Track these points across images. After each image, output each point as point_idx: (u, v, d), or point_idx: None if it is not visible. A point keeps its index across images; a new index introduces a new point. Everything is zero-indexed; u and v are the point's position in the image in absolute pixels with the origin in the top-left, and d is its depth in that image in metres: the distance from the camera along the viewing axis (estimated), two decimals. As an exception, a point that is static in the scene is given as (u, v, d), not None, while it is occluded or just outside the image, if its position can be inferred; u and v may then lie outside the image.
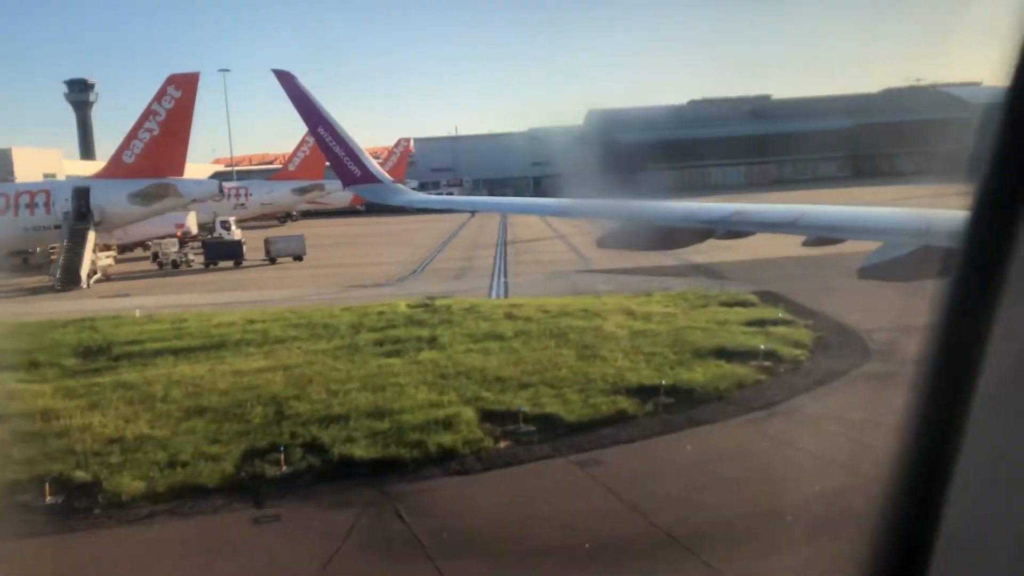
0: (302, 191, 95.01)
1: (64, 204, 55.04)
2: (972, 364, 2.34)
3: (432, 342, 26.38)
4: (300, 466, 16.75)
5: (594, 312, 30.51)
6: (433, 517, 14.26)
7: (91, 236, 53.31)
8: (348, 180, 22.21)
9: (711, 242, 13.89)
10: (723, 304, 31.80)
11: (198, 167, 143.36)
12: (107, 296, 46.22)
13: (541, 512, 14.31)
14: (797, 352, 24.10)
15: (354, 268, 54.71)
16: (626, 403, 19.56)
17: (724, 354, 23.69)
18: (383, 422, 18.64)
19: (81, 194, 55.43)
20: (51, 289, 50.04)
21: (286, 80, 23.15)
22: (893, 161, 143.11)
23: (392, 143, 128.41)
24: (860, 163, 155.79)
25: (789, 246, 12.91)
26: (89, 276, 52.48)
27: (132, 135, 57.45)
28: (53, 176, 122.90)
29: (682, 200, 17.67)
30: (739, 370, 22.02)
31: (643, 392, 20.40)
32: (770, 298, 33.56)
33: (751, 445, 17.26)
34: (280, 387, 21.75)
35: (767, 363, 22.94)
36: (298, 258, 61.37)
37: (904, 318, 28.68)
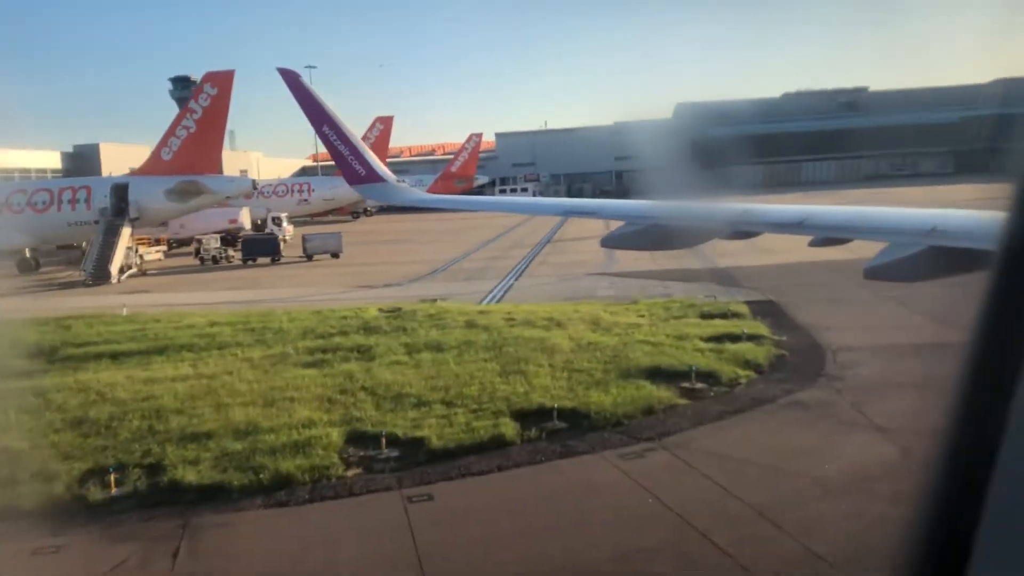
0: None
1: (103, 200, 56.32)
2: (1013, 366, 2.38)
3: (366, 352, 25.35)
4: (127, 490, 15.97)
5: (558, 321, 28.93)
6: (207, 559, 13.21)
7: (125, 232, 54.39)
8: (353, 179, 21.77)
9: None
10: (705, 315, 29.75)
11: (290, 161, 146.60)
12: (126, 292, 46.96)
13: (316, 558, 13.04)
14: (741, 374, 22.08)
15: (381, 267, 54.20)
16: (509, 428, 18.08)
17: (656, 374, 21.90)
18: (242, 442, 17.71)
19: (119, 190, 56.64)
20: (83, 284, 51.22)
21: (291, 79, 23.01)
22: (999, 156, 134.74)
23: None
24: (965, 158, 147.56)
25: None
26: (121, 271, 53.61)
27: (170, 132, 58.44)
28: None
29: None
30: (659, 393, 20.21)
31: (537, 415, 18.91)
32: (765, 309, 31.36)
33: (601, 485, 15.58)
34: (173, 399, 21.06)
35: (698, 385, 21.07)
36: (335, 255, 61.37)
37: (893, 335, 26.27)
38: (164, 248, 67.87)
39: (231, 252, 62.77)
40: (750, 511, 13.45)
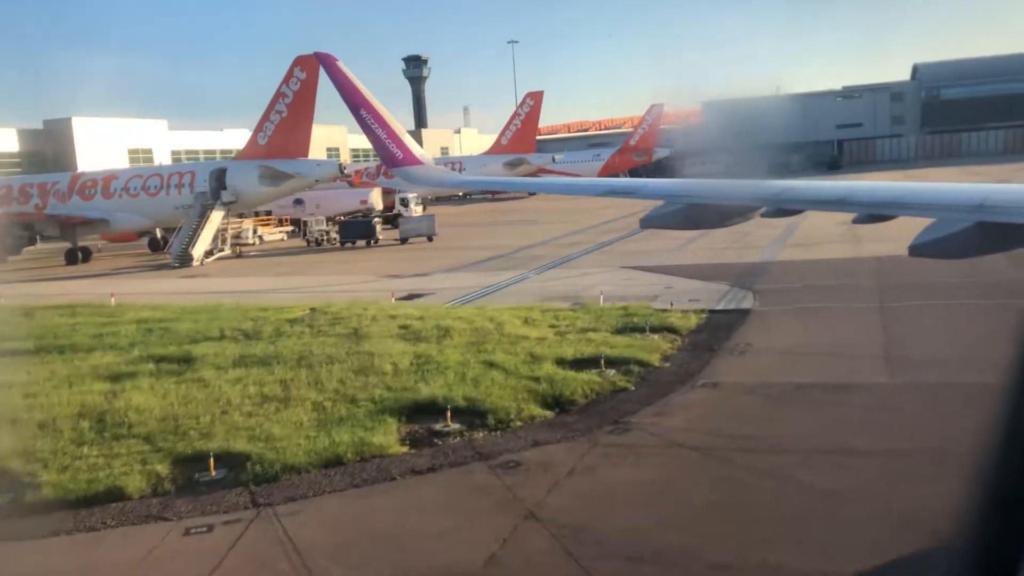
0: (511, 165, 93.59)
1: (203, 184, 58.40)
2: None
3: (187, 364, 23.46)
4: None
5: (449, 331, 25.52)
6: None
7: (214, 216, 56.04)
8: (391, 162, 21.70)
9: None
10: (621, 330, 25.03)
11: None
12: (186, 276, 48.34)
13: None
14: (536, 413, 18.04)
15: (454, 252, 52.22)
16: (137, 479, 15.46)
17: (422, 410, 18.44)
18: None
19: (217, 175, 58.47)
20: (170, 266, 53.42)
21: (328, 63, 23.60)
22: None
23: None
24: None
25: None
26: (211, 253, 55.43)
27: (265, 117, 59.46)
28: (336, 152, 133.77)
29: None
30: (381, 439, 16.68)
31: (194, 460, 16.16)
32: (724, 323, 26.47)
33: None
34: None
35: (449, 426, 17.34)
36: (429, 238, 60.09)
37: (778, 372, 20.69)
38: (288, 229, 69.73)
39: (333, 234, 63.20)
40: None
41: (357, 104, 22.15)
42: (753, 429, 16.80)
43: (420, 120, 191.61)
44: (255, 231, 67.21)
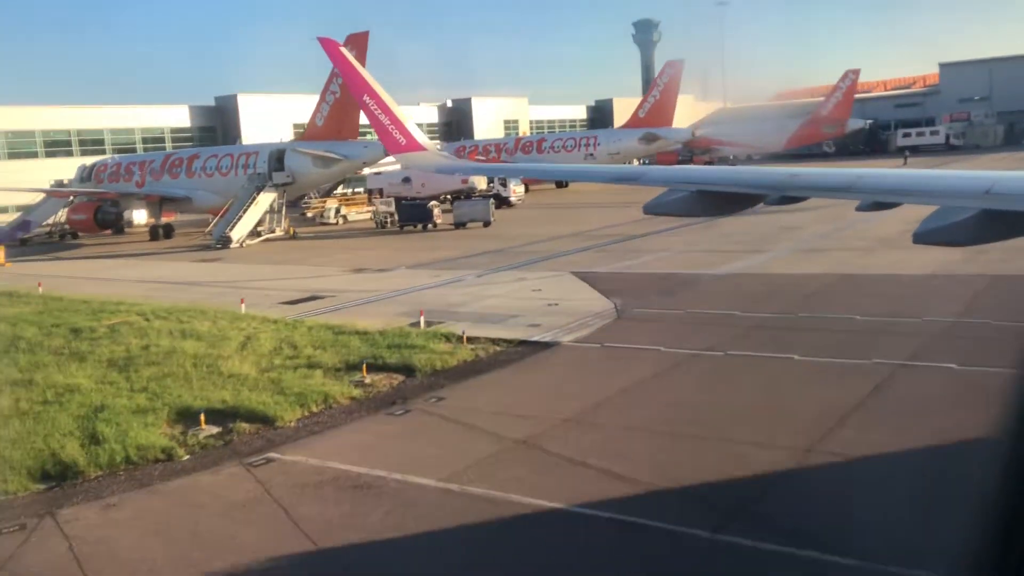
0: (647, 140, 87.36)
1: (262, 165, 59.03)
2: None
3: None
4: None
5: (197, 355, 23.17)
6: None
7: (263, 198, 56.44)
8: (394, 148, 22.05)
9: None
10: (373, 366, 21.38)
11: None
12: (204, 260, 48.86)
13: None
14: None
15: (474, 241, 49.37)
16: None
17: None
18: None
19: (277, 156, 58.84)
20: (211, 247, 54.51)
21: (331, 48, 24.56)
22: None
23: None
24: None
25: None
26: (256, 235, 56.01)
27: (322, 98, 58.96)
28: (516, 124, 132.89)
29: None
30: None
31: None
32: (484, 364, 21.92)
33: None
34: None
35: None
36: (485, 223, 57.29)
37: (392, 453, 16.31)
38: (362, 208, 69.64)
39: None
40: None
41: (360, 90, 22.72)
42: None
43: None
44: (338, 211, 67.51)
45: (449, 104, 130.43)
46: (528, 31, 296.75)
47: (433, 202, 61.06)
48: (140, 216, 64.51)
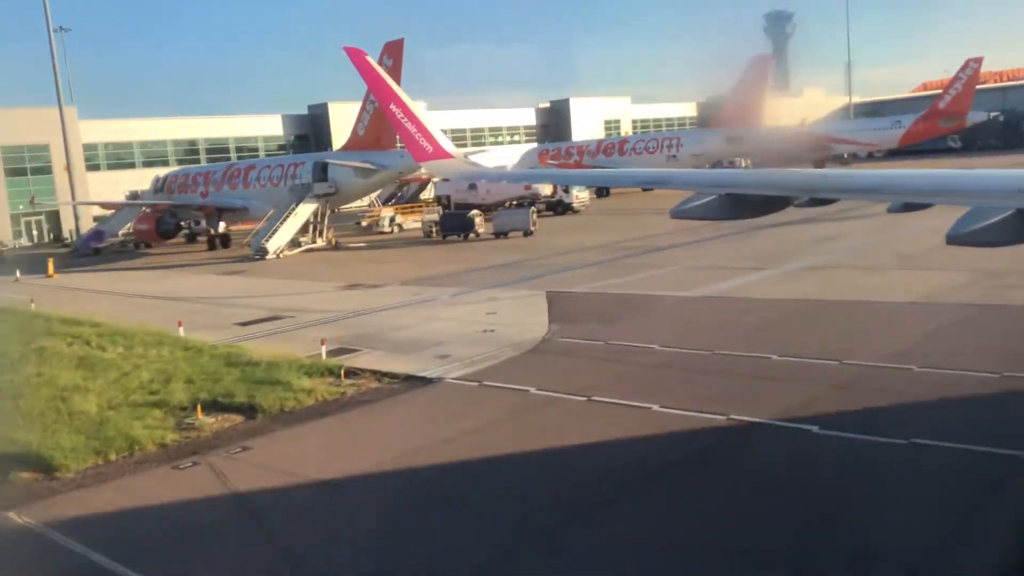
0: (732, 140, 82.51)
1: (307, 176, 58.87)
2: None
3: None
4: None
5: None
6: None
7: (302, 209, 56.23)
8: (420, 156, 22.28)
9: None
10: (214, 406, 20.09)
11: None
12: (227, 273, 48.88)
13: None
14: None
15: (493, 253, 47.54)
16: None
17: None
18: None
19: (322, 166, 58.58)
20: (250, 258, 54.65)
21: (357, 58, 24.17)
22: None
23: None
24: None
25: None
26: (296, 245, 55.93)
27: (363, 107, 58.24)
28: (617, 124, 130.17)
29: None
30: None
31: None
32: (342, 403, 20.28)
33: None
34: None
35: None
36: (525, 233, 55.30)
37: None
38: (414, 216, 68.70)
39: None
40: None
41: (387, 99, 22.47)
42: None
43: (782, 83, 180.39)
44: (392, 219, 66.86)
45: (546, 105, 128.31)
46: (647, 26, 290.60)
47: (475, 211, 59.40)
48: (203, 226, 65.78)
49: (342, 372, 22.24)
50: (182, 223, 65.17)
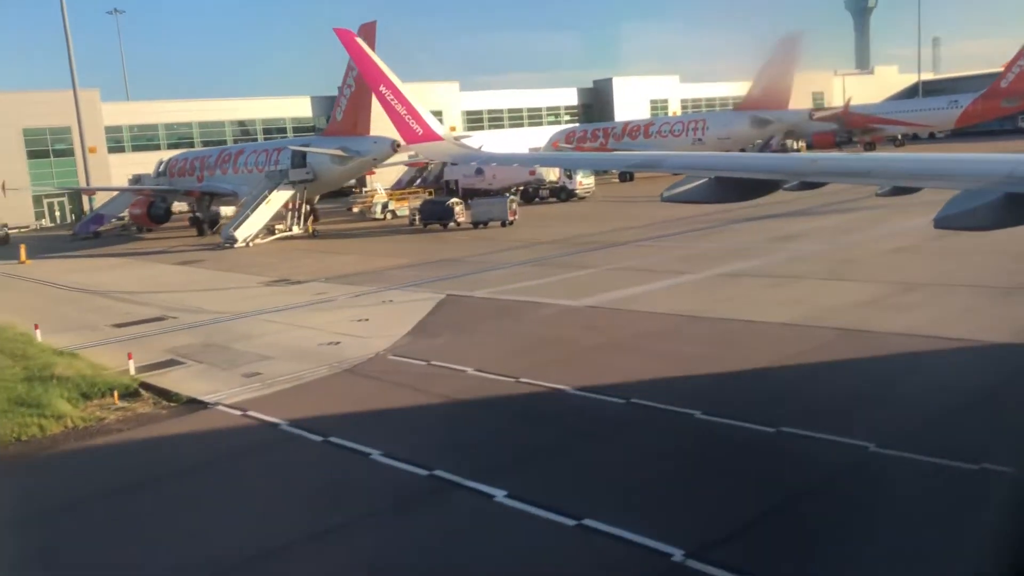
0: (759, 123, 78.06)
1: (286, 162, 57.32)
2: None
3: None
4: None
5: None
6: None
7: (276, 196, 54.78)
8: (410, 138, 22.12)
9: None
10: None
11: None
12: (182, 263, 47.81)
13: None
14: None
15: (476, 243, 45.28)
16: None
17: None
18: None
19: (296, 154, 56.96)
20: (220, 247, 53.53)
21: (347, 39, 24.76)
22: None
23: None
24: None
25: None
26: (270, 232, 54.66)
27: (340, 92, 56.34)
28: (664, 104, 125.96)
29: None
30: None
31: None
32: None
33: None
34: None
35: None
36: (503, 223, 52.78)
37: None
38: (406, 203, 66.79)
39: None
40: None
41: (376, 80, 22.60)
42: None
43: (862, 59, 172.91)
44: (385, 206, 65.06)
45: (589, 85, 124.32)
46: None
47: (454, 199, 57.07)
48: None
49: (115, 395, 20.38)
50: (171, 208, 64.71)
